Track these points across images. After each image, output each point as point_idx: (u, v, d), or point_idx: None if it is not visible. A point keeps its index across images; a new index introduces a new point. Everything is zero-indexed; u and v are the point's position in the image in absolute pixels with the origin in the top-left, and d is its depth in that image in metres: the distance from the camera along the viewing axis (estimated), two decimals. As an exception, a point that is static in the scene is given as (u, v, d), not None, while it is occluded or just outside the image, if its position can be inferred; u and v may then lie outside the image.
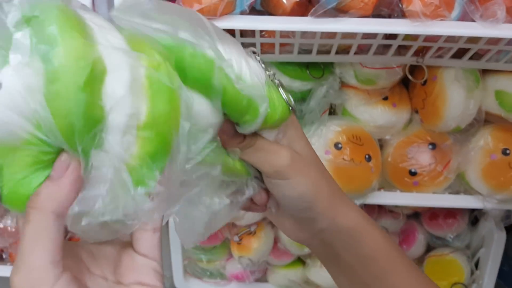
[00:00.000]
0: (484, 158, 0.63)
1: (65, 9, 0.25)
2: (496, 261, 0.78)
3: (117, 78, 0.25)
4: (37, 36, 0.24)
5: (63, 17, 0.24)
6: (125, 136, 0.25)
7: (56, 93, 0.23)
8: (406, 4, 0.45)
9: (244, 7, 0.46)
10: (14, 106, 0.23)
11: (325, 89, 0.63)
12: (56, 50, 0.23)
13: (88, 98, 0.23)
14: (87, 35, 0.24)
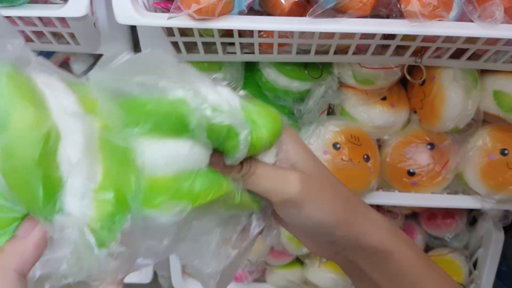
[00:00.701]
0: (482, 158, 0.63)
1: (15, 75, 0.24)
2: (494, 261, 0.78)
3: (71, 143, 0.24)
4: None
5: (13, 86, 0.23)
6: (83, 199, 0.25)
7: (12, 168, 0.23)
8: (404, 4, 0.45)
9: (242, 7, 0.46)
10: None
11: (324, 89, 0.63)
12: (8, 124, 0.22)
13: (45, 170, 0.23)
14: (39, 103, 0.24)
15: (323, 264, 0.81)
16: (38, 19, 0.52)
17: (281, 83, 0.63)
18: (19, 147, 0.22)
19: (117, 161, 0.26)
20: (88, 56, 0.69)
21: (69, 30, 0.53)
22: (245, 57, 0.58)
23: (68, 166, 0.24)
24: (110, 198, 0.25)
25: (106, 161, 0.26)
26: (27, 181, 0.23)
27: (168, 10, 0.46)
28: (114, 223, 0.26)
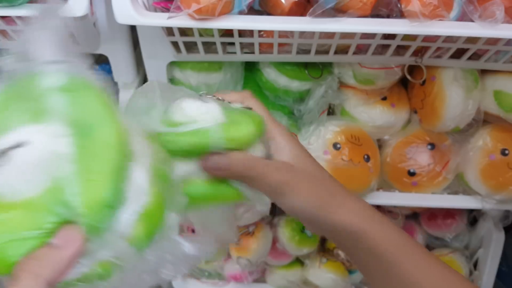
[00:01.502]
0: (483, 159, 0.63)
1: (102, 92, 0.26)
2: (495, 261, 0.78)
3: (140, 165, 0.26)
4: (77, 110, 0.25)
5: (103, 100, 0.26)
6: (132, 217, 0.26)
7: (89, 172, 0.24)
8: (404, 4, 0.45)
9: (242, 7, 0.46)
10: (37, 166, 0.24)
11: (324, 89, 0.63)
12: (98, 132, 0.24)
13: (116, 184, 0.24)
14: (121, 122, 0.26)
15: (323, 265, 0.81)
16: (38, 19, 0.52)
17: (281, 83, 0.63)
18: (104, 154, 0.24)
19: (162, 184, 0.28)
20: (88, 56, 0.69)
21: (69, 30, 0.52)
22: (245, 57, 0.58)
23: (134, 186, 0.25)
24: (154, 219, 0.27)
25: (155, 184, 0.27)
26: (101, 190, 0.24)
27: (168, 10, 0.46)
28: (151, 241, 0.27)
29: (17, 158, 0.24)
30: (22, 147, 0.24)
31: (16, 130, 0.25)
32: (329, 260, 0.82)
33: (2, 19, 0.52)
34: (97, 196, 0.24)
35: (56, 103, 0.25)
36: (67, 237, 0.24)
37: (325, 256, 0.83)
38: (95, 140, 0.24)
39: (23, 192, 0.24)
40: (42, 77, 0.26)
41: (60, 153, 0.24)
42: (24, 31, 0.27)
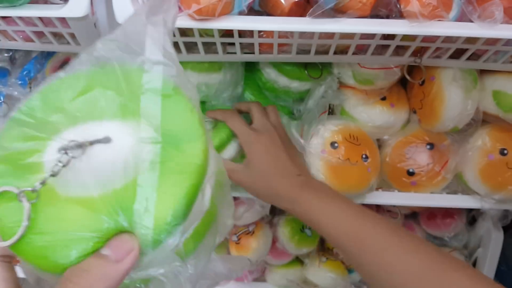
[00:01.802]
0: (482, 158, 0.63)
1: (192, 102, 0.26)
2: (494, 261, 0.78)
3: (209, 184, 0.26)
4: (169, 119, 0.24)
5: (193, 111, 0.25)
6: (187, 234, 0.25)
7: (169, 186, 0.23)
8: (404, 4, 0.45)
9: (242, 7, 0.46)
10: (113, 167, 0.23)
11: (323, 89, 0.63)
12: (186, 147, 0.24)
13: (191, 202, 0.24)
14: (207, 138, 0.25)
15: (323, 264, 0.81)
16: (39, 19, 0.52)
17: (281, 83, 0.63)
18: (185, 171, 0.24)
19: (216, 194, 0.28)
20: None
21: (70, 30, 0.53)
22: (245, 57, 0.58)
23: (200, 203, 0.25)
24: (201, 235, 0.27)
25: (213, 200, 0.27)
26: (185, 198, 0.23)
27: (168, 10, 0.46)
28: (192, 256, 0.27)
29: (95, 154, 0.23)
30: (104, 143, 0.23)
31: (101, 123, 0.24)
32: (328, 259, 0.82)
33: (2, 19, 0.52)
34: (170, 212, 0.23)
35: (151, 106, 0.24)
36: (123, 249, 0.22)
37: (324, 255, 0.83)
38: (182, 154, 0.24)
39: (89, 189, 0.23)
40: (141, 74, 0.25)
41: (144, 160, 0.23)
42: (128, 21, 0.26)
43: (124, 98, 0.24)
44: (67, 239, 0.22)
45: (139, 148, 0.23)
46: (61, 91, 0.25)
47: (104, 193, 0.23)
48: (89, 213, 0.22)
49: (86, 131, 0.24)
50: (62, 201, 0.23)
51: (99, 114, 0.24)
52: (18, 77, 0.69)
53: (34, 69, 0.69)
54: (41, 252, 0.22)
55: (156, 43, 0.25)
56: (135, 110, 0.24)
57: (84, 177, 0.23)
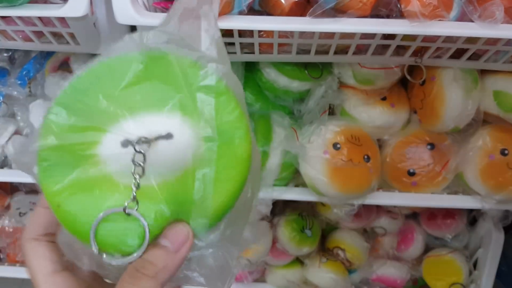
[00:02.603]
0: (483, 159, 0.63)
1: (239, 100, 0.27)
2: (495, 261, 0.78)
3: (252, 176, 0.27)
4: (223, 117, 0.25)
5: (242, 111, 0.26)
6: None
7: (224, 180, 0.25)
8: (404, 4, 0.45)
9: (242, 7, 0.46)
10: (171, 160, 0.24)
11: (324, 89, 0.63)
12: (237, 144, 0.25)
13: (239, 195, 0.26)
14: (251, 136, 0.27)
15: (323, 264, 0.81)
16: (38, 19, 0.52)
17: (281, 83, 0.63)
18: (237, 166, 0.25)
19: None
20: (88, 56, 0.69)
21: (69, 30, 0.52)
22: (245, 57, 0.58)
23: (248, 191, 0.27)
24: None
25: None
26: (229, 199, 0.25)
27: (168, 10, 0.46)
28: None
29: (156, 148, 0.24)
30: (166, 139, 0.24)
31: (160, 117, 0.25)
32: (329, 259, 0.82)
33: (2, 19, 0.52)
34: (224, 203, 0.25)
35: (207, 104, 0.25)
36: (180, 240, 0.24)
37: (325, 256, 0.83)
38: (233, 151, 0.25)
39: (149, 179, 0.24)
40: (196, 70, 0.26)
41: (202, 157, 0.25)
42: (181, 15, 0.27)
43: (183, 95, 0.25)
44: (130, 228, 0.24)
45: (198, 145, 0.25)
46: (109, 76, 0.25)
47: (163, 183, 0.24)
48: (146, 202, 0.24)
49: (147, 124, 0.24)
50: (122, 188, 0.24)
51: (158, 108, 0.25)
52: (18, 77, 0.69)
53: (33, 69, 0.69)
54: (113, 240, 0.24)
55: (210, 38, 0.27)
56: (192, 107, 0.25)
57: (147, 168, 0.24)
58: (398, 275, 0.84)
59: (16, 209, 0.84)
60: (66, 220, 0.24)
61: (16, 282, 0.98)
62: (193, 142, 0.25)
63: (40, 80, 0.70)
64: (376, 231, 0.85)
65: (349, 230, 0.85)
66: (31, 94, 0.71)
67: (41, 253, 0.26)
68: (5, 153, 0.72)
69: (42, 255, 0.26)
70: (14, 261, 0.86)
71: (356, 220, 0.81)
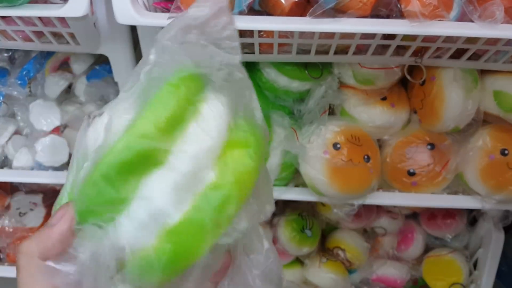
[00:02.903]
0: (483, 159, 0.63)
1: (176, 86, 0.25)
2: (495, 261, 0.78)
3: (162, 179, 0.24)
4: (141, 97, 0.25)
5: (163, 96, 0.25)
6: (146, 228, 0.24)
7: (102, 150, 0.24)
8: (404, 4, 0.45)
9: (242, 7, 0.46)
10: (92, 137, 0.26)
11: (324, 89, 0.63)
12: (132, 120, 0.24)
13: (115, 175, 0.23)
14: (168, 125, 0.24)
15: (323, 264, 0.81)
16: (38, 19, 0.52)
17: (281, 83, 0.63)
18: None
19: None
20: (88, 56, 0.69)
21: (69, 30, 0.52)
22: (245, 57, 0.58)
23: (159, 194, 0.24)
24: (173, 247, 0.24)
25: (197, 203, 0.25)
26: (96, 185, 0.24)
27: (168, 10, 0.46)
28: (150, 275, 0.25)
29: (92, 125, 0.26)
30: (99, 116, 0.26)
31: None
32: (329, 260, 0.82)
33: (2, 19, 0.52)
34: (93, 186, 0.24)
35: (137, 86, 0.26)
36: (58, 216, 0.25)
37: (325, 256, 0.83)
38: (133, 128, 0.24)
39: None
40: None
41: (105, 128, 0.25)
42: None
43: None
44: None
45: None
46: None
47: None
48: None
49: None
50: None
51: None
52: (18, 77, 0.69)
53: (33, 69, 0.69)
54: None
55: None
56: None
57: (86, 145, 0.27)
58: (398, 275, 0.84)
59: (16, 209, 0.84)
60: None
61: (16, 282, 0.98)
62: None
63: (40, 80, 0.70)
64: (376, 231, 0.85)
65: (349, 230, 0.85)
66: (31, 94, 0.71)
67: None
68: (5, 153, 0.72)
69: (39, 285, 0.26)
70: (14, 261, 0.85)
71: (356, 220, 0.81)
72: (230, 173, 0.25)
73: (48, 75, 0.69)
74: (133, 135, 0.23)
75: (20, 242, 0.80)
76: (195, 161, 0.25)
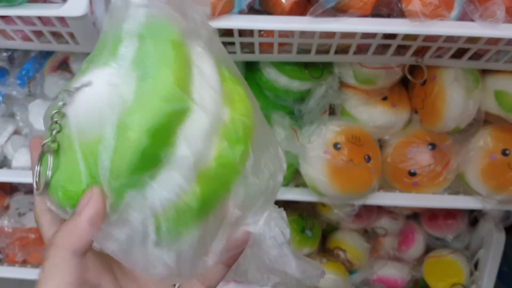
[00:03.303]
0: (484, 159, 0.63)
1: (178, 44, 0.25)
2: (496, 261, 0.78)
3: (196, 128, 0.24)
4: (142, 58, 0.24)
5: (173, 54, 0.24)
6: (183, 181, 0.24)
7: (130, 121, 0.23)
8: (405, 3, 0.45)
9: (242, 6, 0.46)
10: (91, 109, 0.24)
11: (324, 89, 0.63)
12: (149, 83, 0.23)
13: (154, 140, 0.23)
14: (186, 81, 0.24)
15: (324, 265, 0.81)
16: (38, 18, 0.51)
17: (282, 82, 0.63)
18: (145, 107, 0.23)
19: (223, 173, 0.27)
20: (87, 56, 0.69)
21: (68, 29, 0.52)
22: (245, 56, 0.57)
23: (185, 147, 0.24)
24: (202, 195, 0.25)
25: (218, 162, 0.26)
26: (135, 141, 0.23)
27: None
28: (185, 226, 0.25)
29: (80, 98, 0.24)
30: (87, 86, 0.25)
31: (87, 73, 0.25)
32: (329, 260, 0.82)
33: (1, 19, 0.52)
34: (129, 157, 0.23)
35: (125, 48, 0.25)
36: (82, 203, 0.24)
37: (325, 257, 0.83)
38: (142, 93, 0.24)
39: (74, 136, 0.24)
40: (126, 20, 0.25)
41: (110, 100, 0.24)
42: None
43: (112, 47, 0.25)
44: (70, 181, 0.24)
45: (108, 89, 0.24)
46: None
47: (84, 141, 0.24)
48: (75, 160, 0.24)
49: (78, 82, 0.25)
50: (66, 149, 0.25)
51: (91, 67, 0.26)
52: (17, 77, 0.69)
53: (32, 69, 0.69)
54: (58, 190, 0.25)
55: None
56: (115, 55, 0.25)
57: (72, 125, 0.24)
58: (399, 275, 0.84)
59: (15, 209, 0.84)
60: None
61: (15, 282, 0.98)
62: (105, 89, 0.24)
63: (40, 80, 0.69)
64: (377, 231, 0.85)
65: (349, 231, 0.85)
66: (30, 94, 0.71)
67: (52, 219, 0.27)
68: (4, 153, 0.72)
69: (52, 222, 0.27)
70: (13, 262, 0.85)
71: (357, 221, 0.81)
72: (238, 113, 0.27)
73: (48, 75, 0.69)
74: (161, 98, 0.23)
75: (20, 242, 0.81)
76: (212, 109, 0.25)
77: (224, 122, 0.26)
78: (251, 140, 0.27)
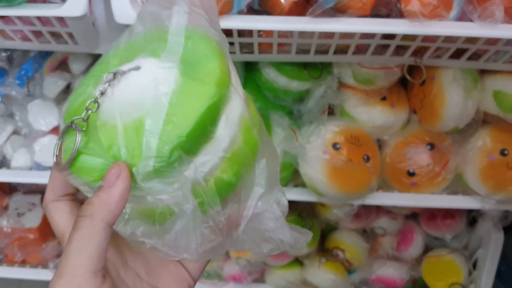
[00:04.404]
0: (482, 159, 0.63)
1: (217, 42, 0.28)
2: (494, 261, 0.78)
3: (235, 112, 0.27)
4: (190, 52, 0.27)
5: (218, 49, 0.28)
6: (202, 168, 0.26)
7: (181, 105, 0.25)
8: (404, 4, 0.45)
9: (241, 6, 0.46)
10: (140, 90, 0.25)
11: (323, 89, 0.63)
12: (200, 71, 0.26)
13: (203, 122, 0.25)
14: (228, 72, 0.28)
15: (323, 265, 0.81)
16: (37, 18, 0.51)
17: (281, 83, 0.63)
18: (198, 92, 0.25)
19: (250, 144, 0.29)
20: (86, 56, 0.69)
21: (68, 29, 0.52)
22: (244, 56, 0.57)
23: (222, 131, 0.26)
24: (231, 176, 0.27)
25: (245, 138, 0.28)
26: (186, 122, 0.24)
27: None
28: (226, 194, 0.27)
29: (129, 79, 0.26)
30: (135, 70, 0.26)
31: (134, 61, 0.27)
32: (328, 260, 0.82)
33: (0, 19, 0.52)
34: (175, 140, 0.25)
35: (173, 43, 0.27)
36: (112, 177, 0.25)
37: (324, 256, 0.83)
38: (200, 76, 0.26)
39: (115, 118, 0.25)
40: (171, 24, 0.28)
41: (164, 80, 0.25)
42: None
43: (158, 43, 0.28)
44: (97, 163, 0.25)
45: (158, 73, 0.26)
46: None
47: (125, 122, 0.25)
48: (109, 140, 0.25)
49: (126, 66, 0.27)
50: (99, 127, 0.26)
51: (137, 56, 0.28)
52: (16, 77, 0.69)
53: (32, 69, 0.69)
54: (84, 169, 0.26)
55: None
56: (163, 49, 0.27)
57: (114, 105, 0.26)
58: (398, 275, 0.84)
59: (14, 209, 0.84)
60: None
61: (15, 282, 0.98)
62: (155, 73, 0.26)
63: (39, 80, 0.69)
64: (376, 231, 0.85)
65: (348, 231, 0.85)
66: (29, 94, 0.71)
67: (62, 209, 0.28)
68: (4, 153, 0.72)
69: (63, 211, 0.28)
70: (12, 262, 0.85)
71: (356, 221, 0.81)
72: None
73: (47, 75, 0.69)
74: (214, 83, 0.26)
75: (19, 242, 0.81)
76: (243, 97, 0.28)
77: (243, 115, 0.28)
78: (261, 127, 0.30)
